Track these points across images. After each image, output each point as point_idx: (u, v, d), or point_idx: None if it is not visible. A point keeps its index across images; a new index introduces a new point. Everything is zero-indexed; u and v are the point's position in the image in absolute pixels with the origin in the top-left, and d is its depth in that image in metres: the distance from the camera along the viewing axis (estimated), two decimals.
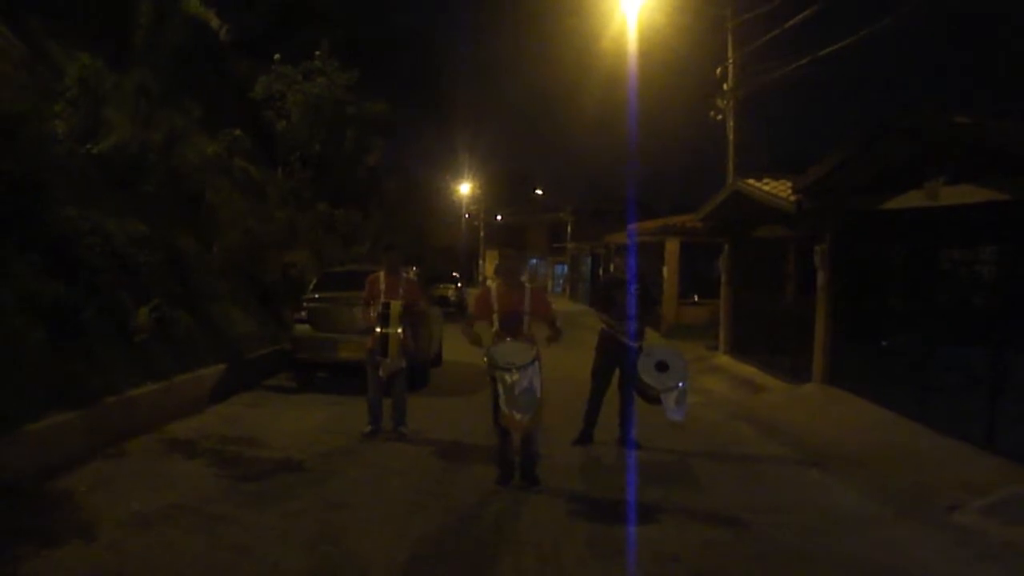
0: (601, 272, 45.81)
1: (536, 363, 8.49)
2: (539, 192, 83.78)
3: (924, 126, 11.00)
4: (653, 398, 10.20)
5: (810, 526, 7.99)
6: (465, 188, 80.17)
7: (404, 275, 12.19)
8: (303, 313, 15.28)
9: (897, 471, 9.82)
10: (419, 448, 10.79)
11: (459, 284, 41.66)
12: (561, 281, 66.51)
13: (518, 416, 8.35)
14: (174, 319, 12.94)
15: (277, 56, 28.32)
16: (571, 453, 10.73)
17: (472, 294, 41.49)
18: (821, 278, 15.02)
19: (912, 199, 11.99)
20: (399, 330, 11.25)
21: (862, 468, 10.11)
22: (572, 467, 10.11)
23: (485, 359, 8.63)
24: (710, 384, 17.26)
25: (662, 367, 10.00)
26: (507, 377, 8.28)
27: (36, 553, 6.37)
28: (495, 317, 9.14)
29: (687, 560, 6.90)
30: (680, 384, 9.94)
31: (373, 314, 11.50)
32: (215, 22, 25.84)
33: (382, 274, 11.71)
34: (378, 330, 11.29)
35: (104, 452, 9.39)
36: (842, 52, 18.12)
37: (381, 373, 11.29)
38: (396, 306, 11.28)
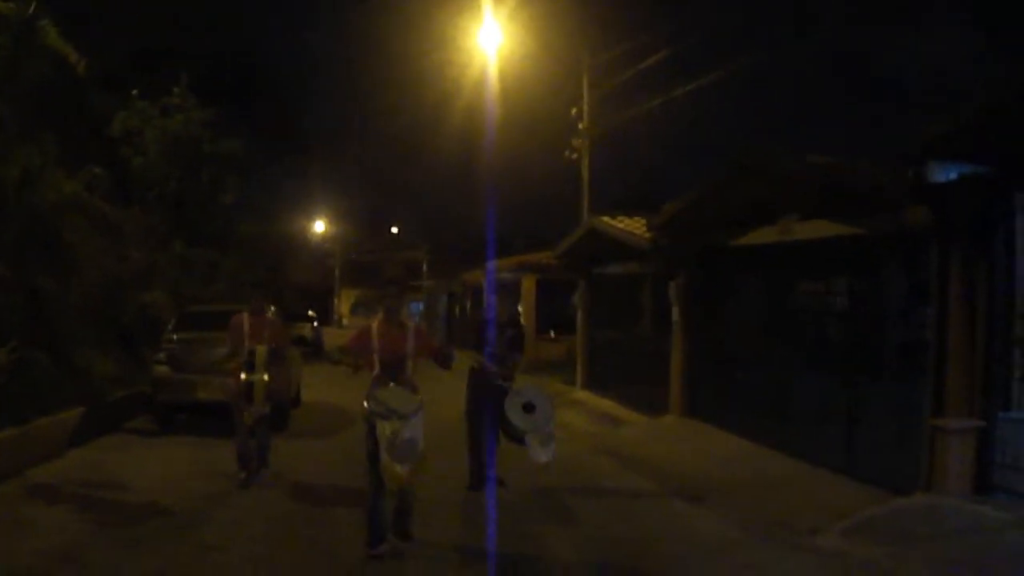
0: (457, 311, 45.97)
1: (420, 412, 7.97)
2: (395, 230, 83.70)
3: (776, 166, 11.48)
4: (518, 438, 9.96)
5: (675, 555, 8.25)
6: (321, 226, 79.62)
7: (268, 316, 11.85)
8: (162, 354, 15.11)
9: (758, 498, 10.19)
10: (285, 490, 10.78)
11: (315, 323, 41.33)
12: (416, 319, 66.60)
13: (398, 467, 7.65)
14: (32, 361, 12.71)
15: (135, 91, 28.00)
16: (435, 494, 10.09)
17: (328, 332, 41.33)
18: (676, 312, 15.47)
19: (766, 235, 12.48)
20: (264, 376, 10.93)
21: (724, 497, 10.42)
22: (437, 509, 9.73)
23: (365, 404, 8.03)
24: (570, 419, 17.47)
25: (529, 408, 9.77)
26: (388, 426, 7.70)
27: None
28: (375, 359, 8.46)
29: None
30: (546, 426, 9.76)
31: (236, 359, 11.13)
32: (73, 56, 25.34)
33: (245, 315, 11.28)
34: (243, 376, 10.89)
35: None
36: (697, 91, 18.71)
37: (247, 420, 10.96)
38: (262, 351, 10.94)
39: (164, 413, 15.23)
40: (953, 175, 8.93)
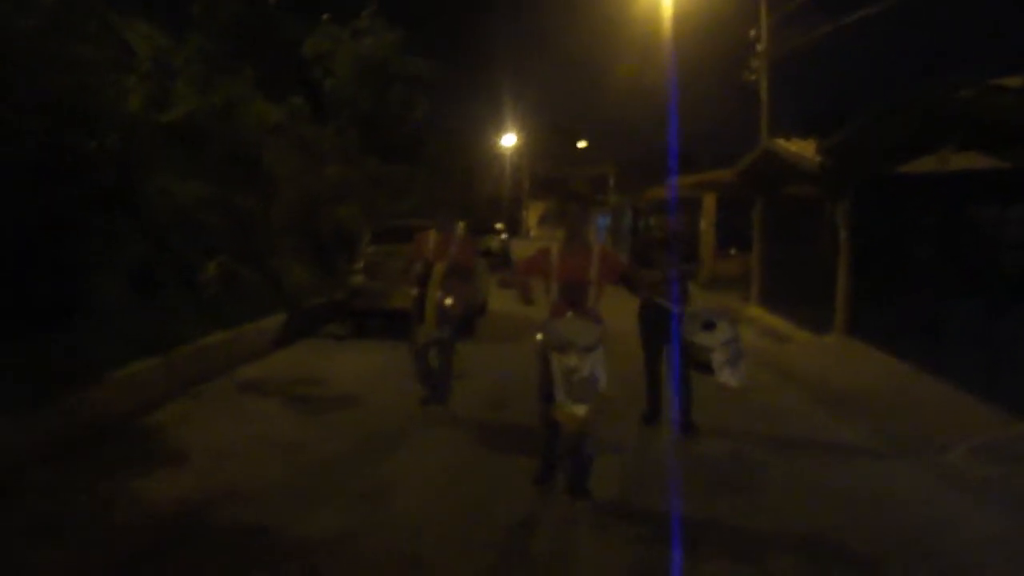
0: (642, 226, 46.24)
1: (601, 345, 7.03)
2: (582, 144, 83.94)
3: (928, 100, 11.79)
4: (705, 363, 9.33)
5: (815, 460, 8.89)
6: (509, 140, 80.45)
7: (457, 233, 10.77)
8: (360, 264, 16.28)
9: (901, 416, 10.59)
10: (467, 386, 11.41)
11: (504, 235, 41.97)
12: (604, 233, 67.23)
13: (576, 409, 6.80)
14: (237, 273, 14.06)
15: (325, 16, 29.20)
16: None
17: (516, 243, 42.22)
18: (843, 235, 15.82)
19: (925, 164, 12.72)
20: (438, 294, 9.96)
21: (868, 412, 10.89)
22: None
23: (539, 336, 7.24)
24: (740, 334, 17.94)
25: (709, 326, 9.22)
26: (567, 360, 6.82)
27: (139, 476, 7.57)
28: (554, 285, 7.48)
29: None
30: (732, 344, 9.25)
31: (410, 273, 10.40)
32: None
33: (432, 233, 10.48)
34: (414, 292, 10.17)
35: (184, 393, 10.67)
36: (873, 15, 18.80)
37: (420, 339, 10.14)
38: (439, 268, 10.02)
39: (358, 319, 16.47)
40: None
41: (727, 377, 9.20)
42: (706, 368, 9.37)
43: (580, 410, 6.81)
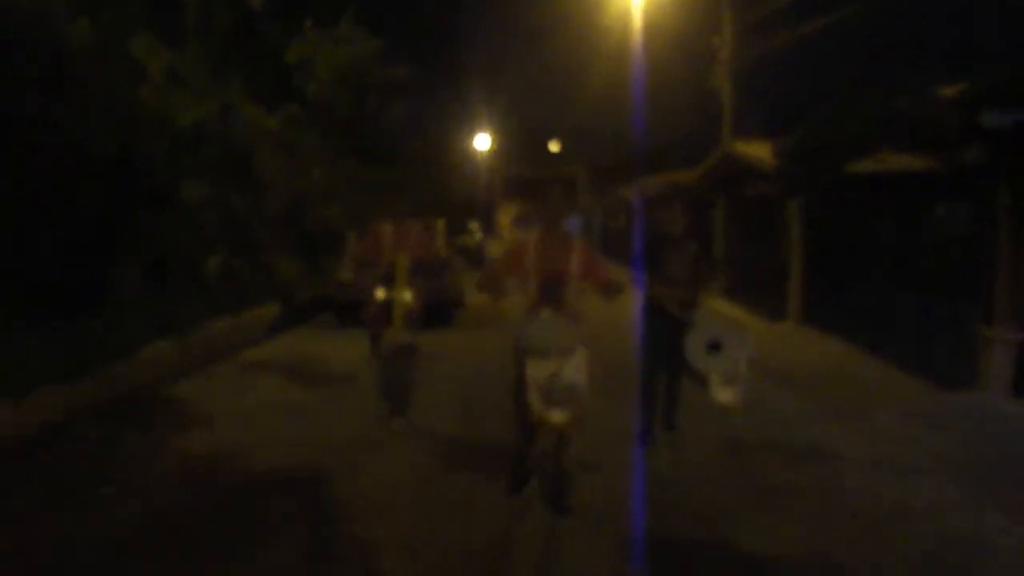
0: (612, 225, 47.13)
1: (583, 348, 6.32)
2: (554, 147, 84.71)
3: (868, 109, 13.02)
4: (701, 380, 8.15)
5: (761, 421, 10.05)
6: (485, 142, 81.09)
7: (416, 227, 9.74)
8: (348, 259, 17.42)
9: (841, 389, 11.88)
10: (451, 360, 13.13)
11: (478, 235, 43.33)
12: (575, 234, 68.13)
13: (554, 415, 6.10)
14: (235, 267, 15.25)
15: (308, 23, 30.26)
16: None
17: (491, 243, 43.37)
18: (796, 231, 17.07)
19: (866, 165, 13.92)
20: (406, 294, 9.00)
21: (812, 386, 12.12)
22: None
23: (516, 337, 6.44)
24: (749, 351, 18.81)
25: (714, 346, 7.99)
26: (543, 366, 6.13)
27: (173, 433, 8.88)
28: (531, 280, 6.68)
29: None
30: (735, 366, 7.97)
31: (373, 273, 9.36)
32: None
33: (388, 225, 9.34)
34: (380, 294, 9.11)
35: (196, 372, 11.96)
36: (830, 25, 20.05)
37: (385, 342, 9.13)
38: (403, 262, 8.97)
39: (347, 310, 17.53)
40: (1007, 120, 10.10)
41: (718, 394, 7.99)
42: (700, 383, 8.18)
43: (558, 415, 6.10)
